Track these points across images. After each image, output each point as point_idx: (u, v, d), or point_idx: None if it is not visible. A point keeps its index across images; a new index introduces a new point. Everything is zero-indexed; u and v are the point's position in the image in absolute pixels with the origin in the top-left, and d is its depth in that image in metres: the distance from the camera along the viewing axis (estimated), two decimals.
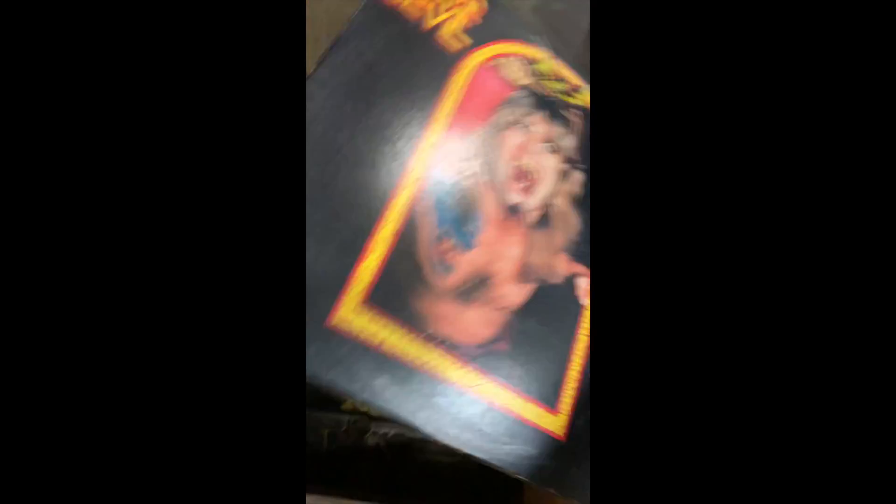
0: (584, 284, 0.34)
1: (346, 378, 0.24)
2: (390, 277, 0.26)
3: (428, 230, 0.28)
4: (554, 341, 0.31)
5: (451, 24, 0.33)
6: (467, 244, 0.30)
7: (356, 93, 0.28)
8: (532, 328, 0.31)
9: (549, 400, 0.30)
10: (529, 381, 0.30)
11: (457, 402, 0.27)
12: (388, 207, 0.27)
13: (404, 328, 0.26)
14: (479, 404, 0.28)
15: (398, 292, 0.27)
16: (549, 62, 0.38)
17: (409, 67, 0.30)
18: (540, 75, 0.37)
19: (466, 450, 0.27)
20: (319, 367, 0.24)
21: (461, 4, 0.34)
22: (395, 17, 0.31)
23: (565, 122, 0.37)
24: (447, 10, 0.33)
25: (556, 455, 0.30)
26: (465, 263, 0.29)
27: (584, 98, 0.39)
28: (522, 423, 0.29)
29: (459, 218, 0.30)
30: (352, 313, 0.25)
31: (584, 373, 0.32)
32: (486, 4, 0.35)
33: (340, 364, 0.24)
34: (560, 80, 0.38)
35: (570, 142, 0.37)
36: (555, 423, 0.30)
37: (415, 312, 0.27)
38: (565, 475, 0.30)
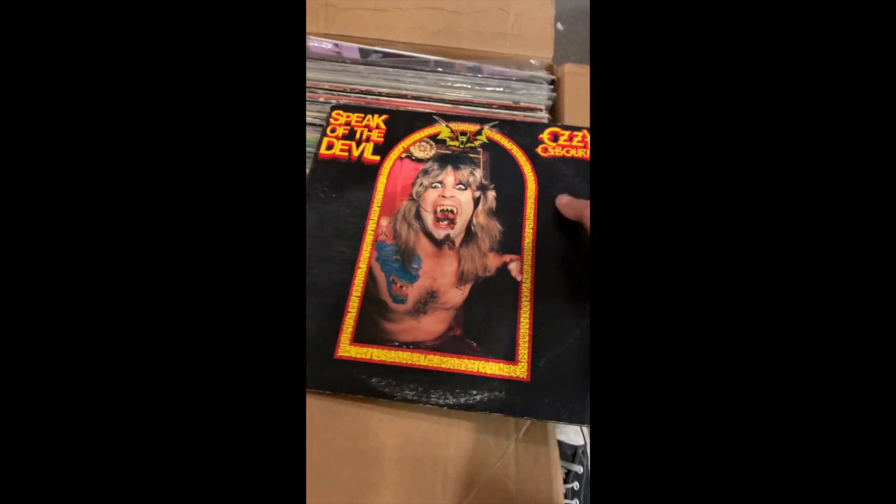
0: (515, 266, 0.46)
1: (352, 383, 0.41)
2: (366, 317, 0.43)
3: (383, 281, 0.45)
4: (500, 314, 0.44)
5: (368, 147, 0.51)
6: (412, 279, 0.45)
7: (319, 211, 0.47)
8: (477, 312, 0.44)
9: (508, 355, 0.43)
10: (487, 348, 0.43)
11: (427, 377, 0.42)
12: (354, 276, 0.44)
13: (381, 345, 0.42)
14: (446, 374, 0.42)
15: (373, 324, 0.43)
16: (446, 129, 0.52)
17: (350, 185, 0.49)
18: (442, 142, 0.52)
19: (442, 403, 0.41)
20: (336, 383, 0.41)
21: (369, 131, 0.51)
22: (334, 161, 0.50)
23: (471, 162, 0.51)
24: (364, 142, 0.51)
25: (523, 392, 0.42)
26: (414, 290, 0.45)
27: (483, 136, 0.52)
28: (488, 377, 0.42)
29: (401, 265, 0.46)
30: (347, 346, 0.42)
31: (532, 328, 0.44)
32: (385, 118, 0.52)
33: (349, 377, 0.41)
34: (462, 134, 0.52)
35: (478, 174, 0.50)
36: (517, 370, 0.43)
37: (386, 333, 0.43)
38: (539, 405, 0.42)
